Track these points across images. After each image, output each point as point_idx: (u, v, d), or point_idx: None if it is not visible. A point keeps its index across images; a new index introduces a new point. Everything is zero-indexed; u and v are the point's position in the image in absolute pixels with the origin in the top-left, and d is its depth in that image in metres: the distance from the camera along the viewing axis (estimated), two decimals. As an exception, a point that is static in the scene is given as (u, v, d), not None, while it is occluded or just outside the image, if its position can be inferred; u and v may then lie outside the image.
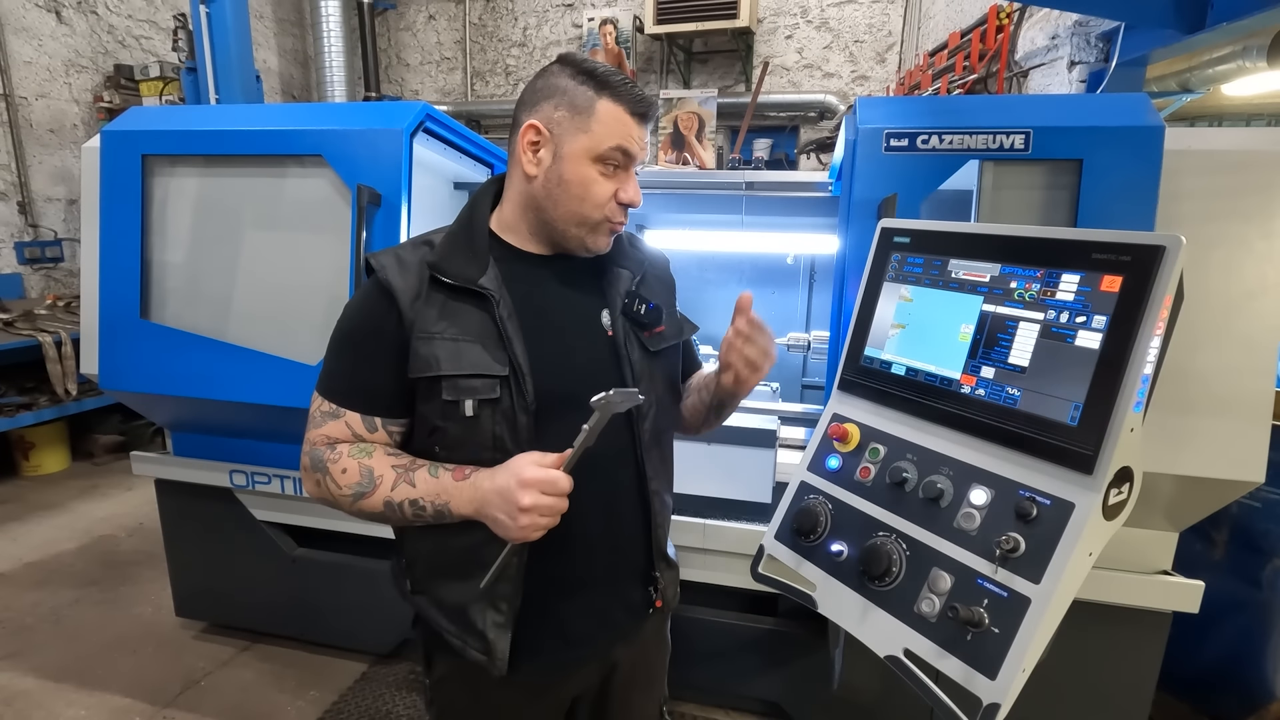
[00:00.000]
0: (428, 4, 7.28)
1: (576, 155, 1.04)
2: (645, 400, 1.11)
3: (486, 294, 1.05)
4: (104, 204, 2.15)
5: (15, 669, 2.57)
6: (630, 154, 1.06)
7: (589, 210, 1.06)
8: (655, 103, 1.08)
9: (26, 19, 4.96)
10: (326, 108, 2.18)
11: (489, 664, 1.09)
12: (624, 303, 1.15)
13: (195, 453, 2.43)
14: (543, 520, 0.96)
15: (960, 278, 1.14)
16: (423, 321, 1.04)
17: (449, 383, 1.02)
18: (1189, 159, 1.58)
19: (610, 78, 1.03)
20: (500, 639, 1.08)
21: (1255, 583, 2.16)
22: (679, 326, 1.27)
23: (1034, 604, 0.91)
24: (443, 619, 1.14)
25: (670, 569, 1.26)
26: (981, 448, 1.06)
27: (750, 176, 2.64)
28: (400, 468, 1.04)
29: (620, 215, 1.09)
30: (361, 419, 1.07)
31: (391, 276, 1.05)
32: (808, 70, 6.33)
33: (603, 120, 1.03)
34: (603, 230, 1.09)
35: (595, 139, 1.03)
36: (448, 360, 1.02)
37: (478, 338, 1.04)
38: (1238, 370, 1.58)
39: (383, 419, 1.08)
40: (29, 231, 5.10)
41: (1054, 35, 2.88)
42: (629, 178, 1.08)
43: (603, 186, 1.05)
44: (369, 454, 1.06)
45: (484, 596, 1.07)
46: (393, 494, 1.03)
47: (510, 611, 1.08)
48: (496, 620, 1.09)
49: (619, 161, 1.05)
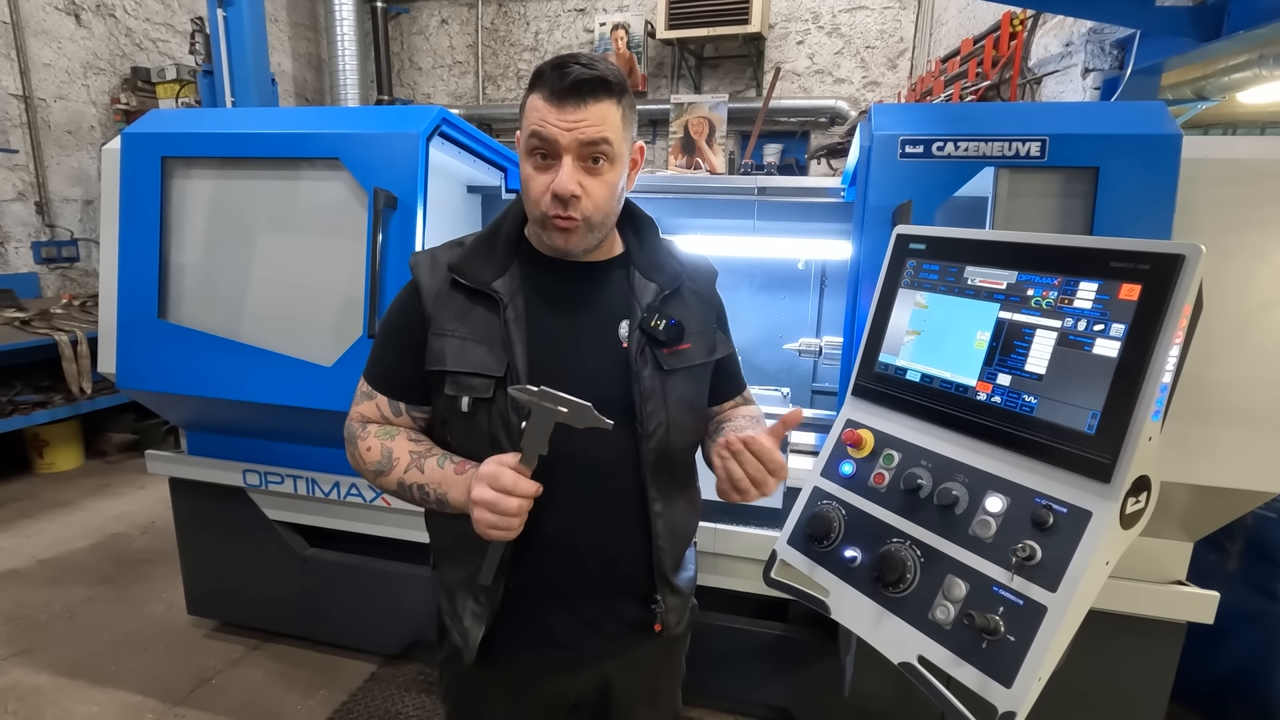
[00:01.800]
0: (440, 8, 7.33)
1: (521, 155, 1.05)
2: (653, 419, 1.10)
3: (496, 296, 1.08)
4: (124, 205, 2.17)
5: (28, 665, 2.60)
6: (546, 138, 0.99)
7: (530, 206, 1.06)
8: (584, 76, 0.97)
9: (46, 22, 5.03)
10: (343, 111, 2.19)
11: (464, 649, 1.15)
12: (643, 316, 1.12)
13: (209, 452, 2.45)
14: (491, 516, 0.95)
15: (976, 285, 1.14)
16: (440, 318, 1.10)
17: (451, 378, 1.08)
18: (1206, 168, 1.57)
19: (543, 70, 1.00)
20: (474, 628, 1.13)
21: (1270, 594, 2.14)
22: (710, 346, 1.21)
23: (1050, 612, 0.91)
24: (443, 598, 1.21)
25: (675, 595, 1.21)
26: (997, 455, 1.06)
27: (763, 182, 2.64)
28: (416, 453, 1.10)
29: (557, 208, 1.01)
30: (389, 403, 1.16)
31: (422, 275, 1.12)
32: (819, 76, 6.33)
33: (528, 113, 1.02)
34: (550, 227, 1.04)
35: (524, 133, 1.03)
36: (453, 357, 1.08)
37: (484, 339, 1.08)
38: (1254, 380, 1.57)
39: (406, 405, 1.16)
40: (46, 231, 5.15)
41: (1068, 42, 2.87)
42: (560, 167, 1.00)
43: (535, 181, 1.02)
44: (392, 436, 1.13)
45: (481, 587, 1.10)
46: (405, 476, 1.10)
47: (488, 604, 1.12)
48: (475, 610, 1.14)
49: (542, 149, 1.00)
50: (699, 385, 1.21)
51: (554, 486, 1.03)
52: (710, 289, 1.26)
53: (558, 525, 1.09)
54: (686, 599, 1.26)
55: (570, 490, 1.09)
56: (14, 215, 4.97)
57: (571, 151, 1.00)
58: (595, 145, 1.00)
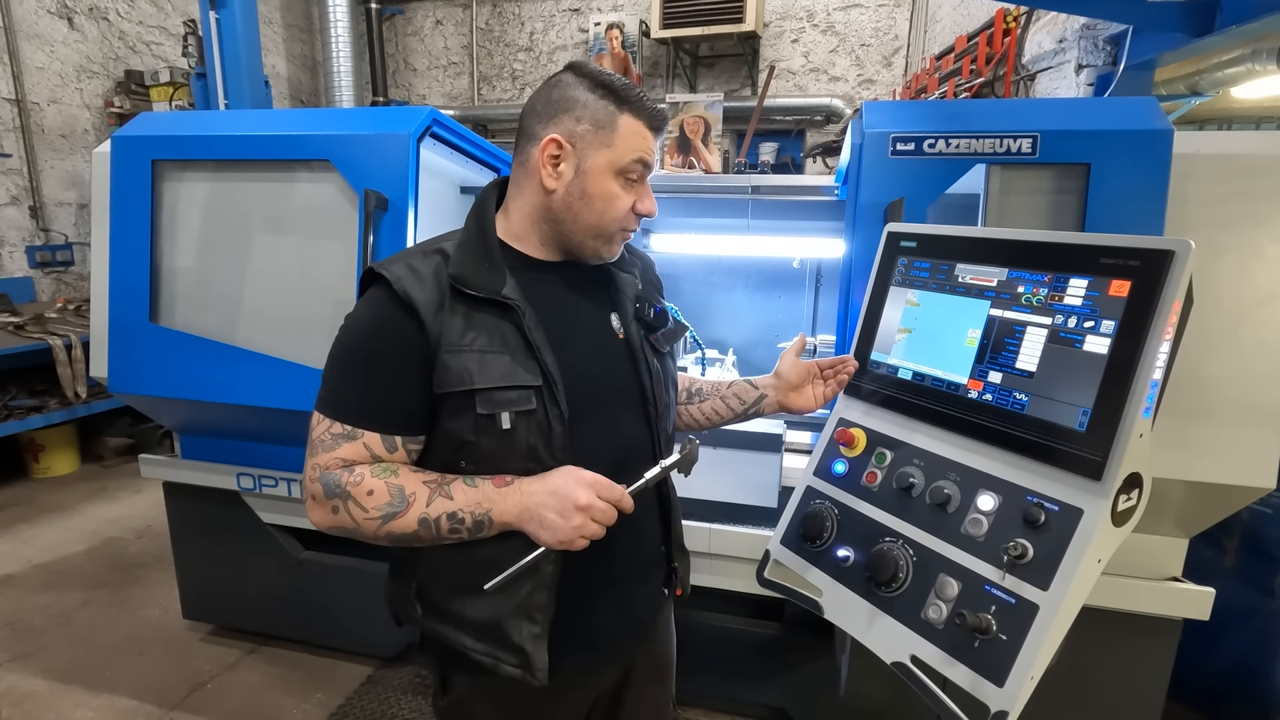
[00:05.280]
0: (435, 9, 7.31)
1: (600, 169, 1.04)
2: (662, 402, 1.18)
3: (512, 304, 1.03)
4: (114, 208, 2.16)
5: (25, 670, 2.59)
6: (649, 165, 1.08)
7: (608, 223, 1.08)
8: (668, 114, 1.11)
9: (39, 26, 5.02)
10: (334, 113, 2.19)
11: (525, 677, 1.05)
12: (635, 307, 1.18)
13: (203, 455, 2.44)
14: (592, 526, 0.98)
15: (967, 282, 1.13)
16: (449, 334, 1.00)
17: (483, 396, 1.00)
18: (1198, 163, 1.57)
19: (629, 92, 1.04)
20: (538, 651, 1.05)
21: (1266, 590, 2.14)
22: (678, 327, 1.29)
23: (1042, 611, 0.91)
24: (466, 638, 1.08)
25: (685, 556, 1.30)
26: (989, 453, 1.05)
27: (756, 180, 2.64)
28: (432, 483, 1.01)
29: (635, 225, 1.12)
30: (381, 439, 1.03)
31: (410, 288, 1.00)
32: (814, 74, 6.33)
33: (624, 135, 1.04)
34: (617, 240, 1.12)
35: (618, 153, 1.04)
36: (480, 373, 1.00)
37: (505, 349, 1.02)
38: (1249, 376, 1.56)
39: (403, 438, 1.04)
40: (40, 235, 5.14)
41: (1061, 38, 2.87)
42: (645, 188, 1.10)
43: (624, 200, 1.07)
44: (394, 473, 1.02)
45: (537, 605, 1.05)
46: (428, 510, 0.99)
47: (544, 621, 1.05)
48: (534, 632, 1.05)
49: (639, 174, 1.08)
50: (674, 362, 1.31)
51: None
52: (655, 273, 1.33)
53: None
54: (689, 556, 1.33)
55: None
56: (8, 219, 4.96)
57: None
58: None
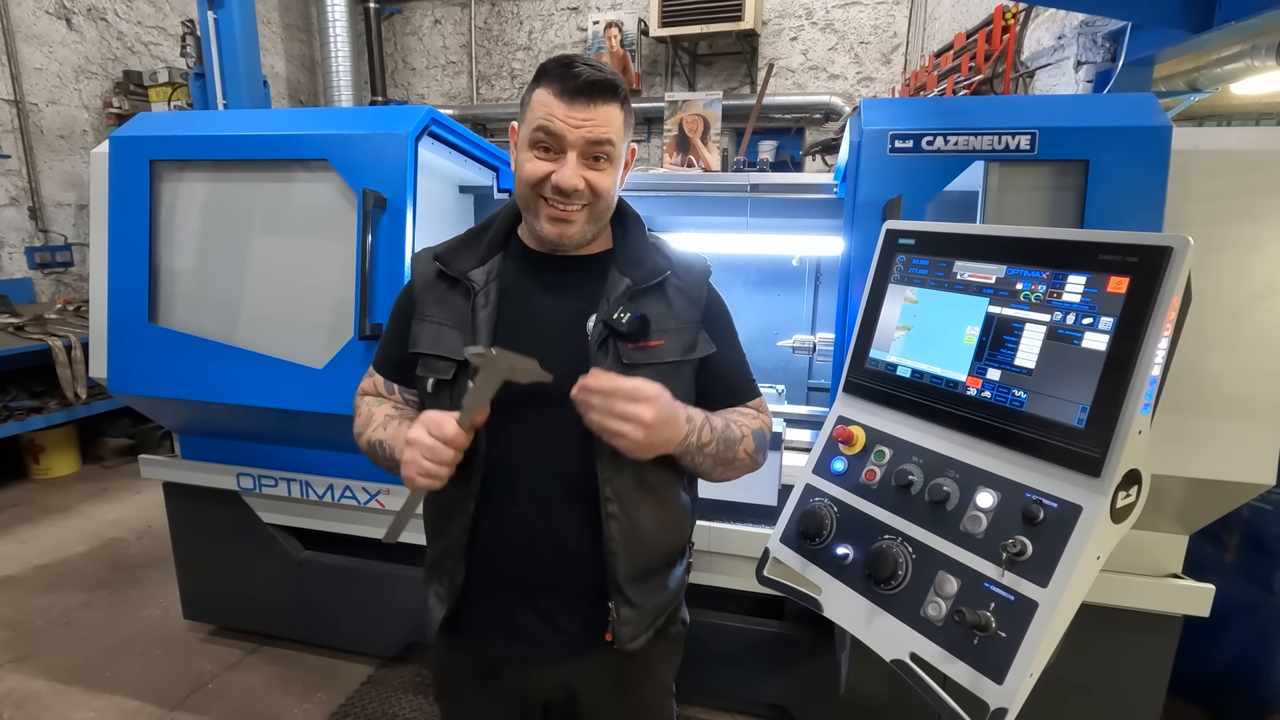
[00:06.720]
0: (433, 8, 7.31)
1: (520, 145, 1.10)
2: None
3: (469, 284, 1.14)
4: (113, 209, 2.16)
5: (25, 671, 2.59)
6: (553, 132, 1.03)
7: (523, 190, 1.10)
8: (595, 78, 1.02)
9: (37, 26, 5.01)
10: (332, 112, 2.18)
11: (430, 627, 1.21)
12: (606, 309, 1.09)
13: (203, 456, 2.44)
14: (425, 463, 0.99)
15: (966, 279, 1.13)
16: (423, 305, 1.18)
17: (422, 360, 1.16)
18: (1197, 159, 1.57)
19: (551, 67, 1.05)
20: (436, 609, 1.19)
21: (1266, 586, 2.14)
22: (688, 345, 1.15)
23: (1041, 608, 0.91)
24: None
25: (630, 607, 1.13)
26: (988, 450, 1.05)
27: (755, 179, 2.64)
28: (390, 416, 1.19)
29: (557, 198, 1.06)
30: (384, 382, 1.27)
31: (417, 267, 1.22)
32: (813, 72, 6.32)
33: (533, 106, 1.06)
34: (542, 215, 1.09)
35: (528, 125, 1.07)
36: (426, 341, 1.15)
37: (457, 324, 1.13)
38: (1248, 372, 1.56)
39: (398, 386, 1.26)
40: (39, 236, 5.14)
41: (1060, 35, 2.86)
42: (566, 160, 1.04)
43: (533, 165, 1.06)
44: (380, 403, 1.25)
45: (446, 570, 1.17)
46: (372, 434, 1.19)
47: (450, 587, 1.16)
48: (439, 591, 1.19)
49: (546, 142, 1.05)
50: (671, 385, 1.08)
51: (515, 484, 1.11)
52: (698, 287, 1.19)
53: (516, 520, 1.12)
54: (649, 616, 1.17)
55: (529, 486, 1.12)
56: (7, 220, 4.95)
57: (577, 148, 1.05)
58: (599, 145, 1.06)
